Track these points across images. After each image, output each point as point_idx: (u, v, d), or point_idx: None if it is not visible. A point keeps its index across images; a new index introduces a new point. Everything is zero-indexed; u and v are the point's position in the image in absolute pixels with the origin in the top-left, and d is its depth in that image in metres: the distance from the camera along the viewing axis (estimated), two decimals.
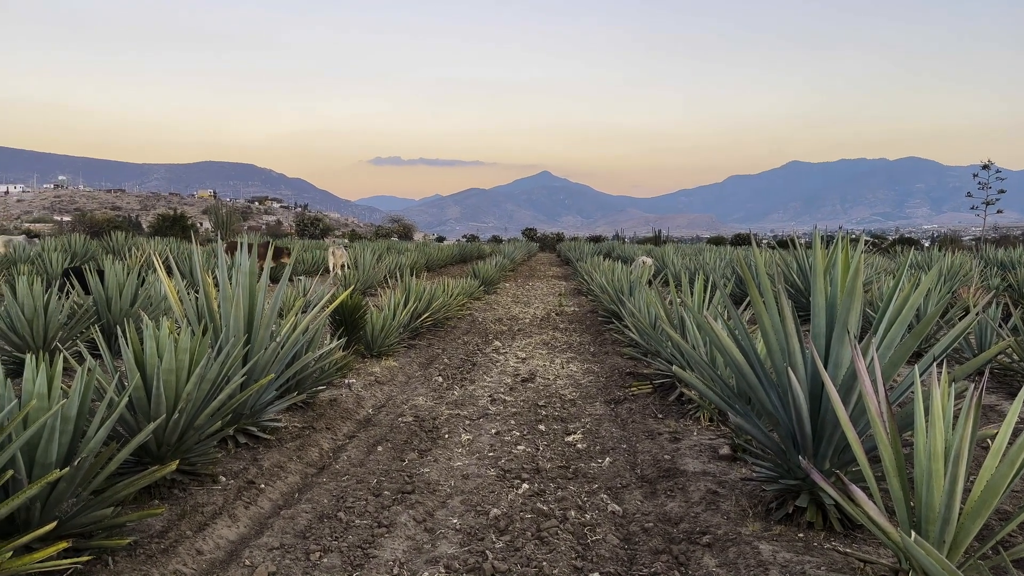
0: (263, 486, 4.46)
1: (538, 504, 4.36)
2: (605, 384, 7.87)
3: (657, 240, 64.56)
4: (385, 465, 5.09)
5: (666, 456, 5.17)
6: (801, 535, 3.66)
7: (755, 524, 3.82)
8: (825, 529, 3.70)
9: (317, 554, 3.62)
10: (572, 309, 15.64)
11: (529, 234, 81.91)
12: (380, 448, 5.50)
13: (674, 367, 4.82)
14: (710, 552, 3.62)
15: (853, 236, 3.98)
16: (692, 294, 7.13)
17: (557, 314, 14.70)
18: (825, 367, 3.61)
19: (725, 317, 5.70)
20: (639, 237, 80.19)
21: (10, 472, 2.96)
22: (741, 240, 53.40)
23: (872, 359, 3.07)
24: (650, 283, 13.97)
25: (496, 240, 75.61)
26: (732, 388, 4.41)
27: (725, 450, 5.07)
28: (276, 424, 5.47)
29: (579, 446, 5.63)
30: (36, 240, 22.36)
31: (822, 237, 3.93)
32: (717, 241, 56.55)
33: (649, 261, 19.08)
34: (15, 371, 6.72)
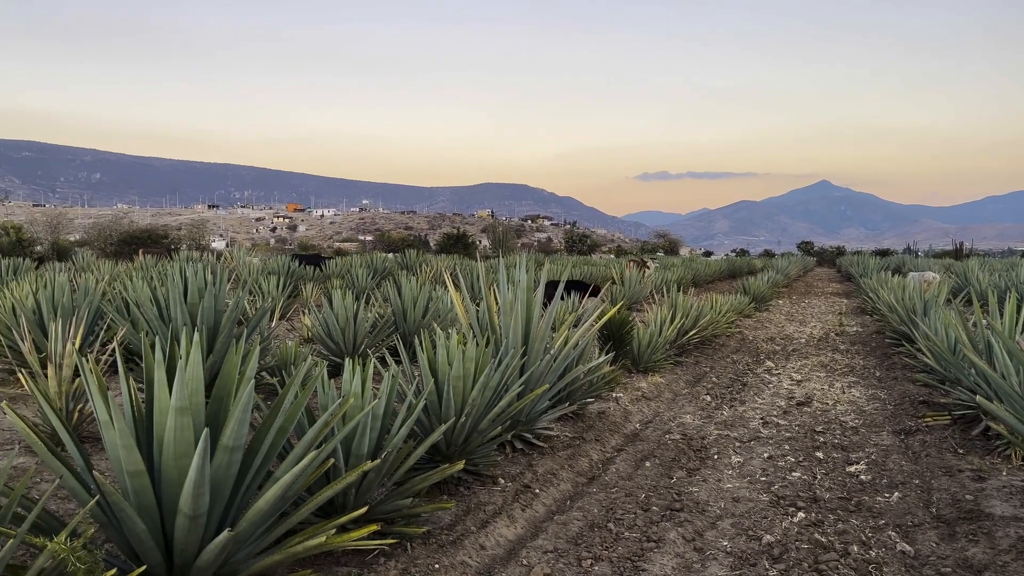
0: (537, 491, 4.71)
1: (815, 535, 4.14)
2: (893, 412, 7.22)
3: (958, 253, 57.32)
4: (653, 481, 5.12)
5: (967, 496, 4.63)
6: None
7: None
8: None
9: (588, 561, 3.75)
10: (854, 329, 14.50)
11: (805, 248, 77.16)
12: (648, 463, 5.55)
13: (978, 397, 4.32)
14: None
15: None
16: (1002, 315, 6.30)
17: (837, 334, 13.72)
18: None
19: None
20: (935, 250, 71.90)
21: (331, 461, 3.45)
22: None
23: None
24: (948, 301, 12.53)
25: (768, 254, 72.19)
26: None
27: None
28: (549, 432, 5.75)
29: (862, 477, 5.23)
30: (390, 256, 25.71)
31: None
32: None
33: (933, 277, 17.05)
34: (330, 373, 7.75)
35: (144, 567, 2.73)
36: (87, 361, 3.02)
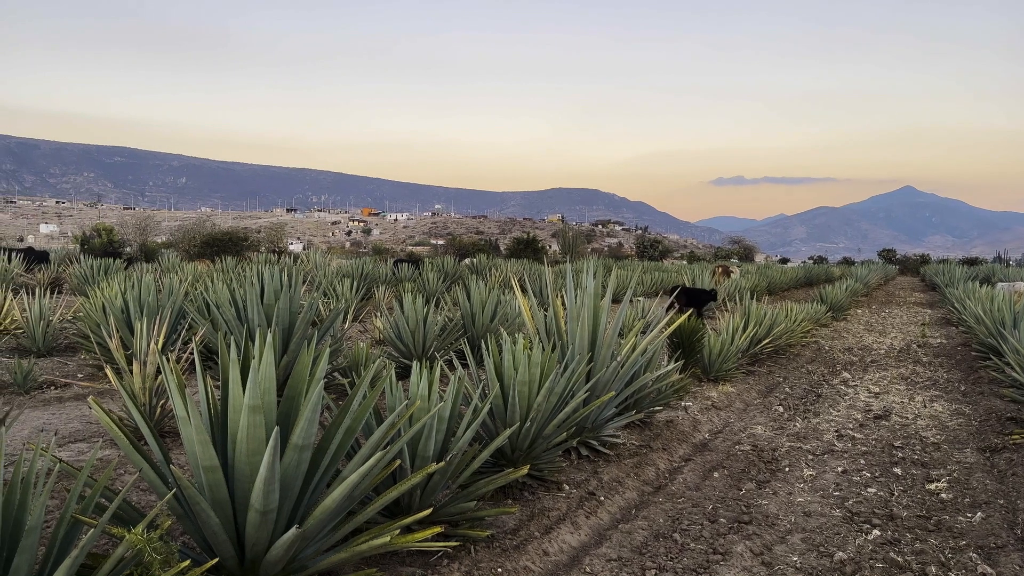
0: (602, 498, 4.68)
1: (891, 554, 3.98)
2: (978, 428, 6.89)
3: None
4: (721, 492, 5.02)
5: None
6: None
7: None
8: None
9: (652, 571, 3.70)
10: (938, 341, 13.92)
11: (887, 255, 74.34)
12: (716, 474, 5.44)
13: None
14: None
15: None
16: None
17: (919, 346, 13.19)
18: None
19: None
20: None
21: (397, 462, 3.50)
22: None
23: None
24: None
25: (847, 262, 69.85)
26: None
27: None
28: (615, 440, 5.70)
29: (943, 496, 5.01)
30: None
31: None
32: None
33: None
34: (399, 375, 7.86)
35: (217, 560, 2.83)
36: (168, 359, 3.14)
